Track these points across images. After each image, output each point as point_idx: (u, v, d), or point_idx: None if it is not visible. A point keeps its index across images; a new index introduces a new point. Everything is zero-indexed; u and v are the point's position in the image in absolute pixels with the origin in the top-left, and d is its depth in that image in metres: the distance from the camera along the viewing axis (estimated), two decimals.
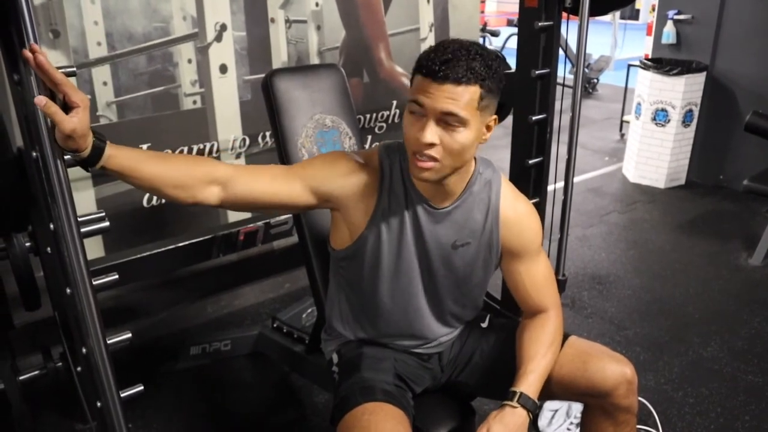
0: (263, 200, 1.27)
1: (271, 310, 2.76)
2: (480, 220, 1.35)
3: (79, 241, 1.10)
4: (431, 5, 2.95)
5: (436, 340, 1.47)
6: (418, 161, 1.18)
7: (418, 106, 1.15)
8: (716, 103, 4.30)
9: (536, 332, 1.40)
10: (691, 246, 3.54)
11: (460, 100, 1.12)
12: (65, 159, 1.06)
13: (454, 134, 1.15)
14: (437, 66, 1.12)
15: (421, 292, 1.40)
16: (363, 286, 1.39)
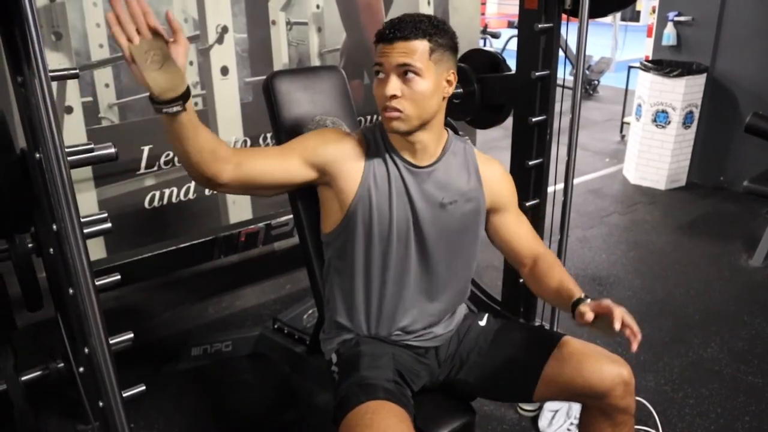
0: (265, 179, 1.34)
1: (272, 311, 2.77)
2: (464, 179, 1.45)
3: (82, 242, 1.11)
4: (432, 7, 2.96)
5: (430, 327, 1.49)
6: (387, 114, 1.32)
7: (380, 67, 1.31)
8: (717, 105, 4.31)
9: (554, 269, 1.50)
10: (692, 247, 3.54)
11: (412, 53, 1.27)
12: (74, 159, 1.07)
13: (412, 84, 1.29)
14: (388, 30, 1.29)
15: (413, 260, 1.43)
16: (356, 262, 1.43)
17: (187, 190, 2.46)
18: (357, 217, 1.39)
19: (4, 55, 1.08)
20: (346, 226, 1.41)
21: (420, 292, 1.46)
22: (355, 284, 1.45)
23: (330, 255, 1.50)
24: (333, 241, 1.46)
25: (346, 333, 1.50)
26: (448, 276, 1.49)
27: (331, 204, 1.43)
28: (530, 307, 2.21)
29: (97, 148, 1.42)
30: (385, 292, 1.44)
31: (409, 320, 1.47)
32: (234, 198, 2.59)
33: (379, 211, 1.39)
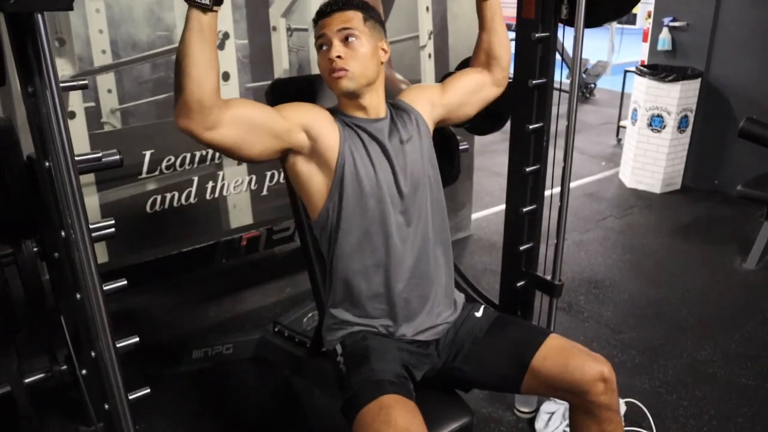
0: (256, 124, 1.35)
1: (272, 314, 2.79)
2: (407, 118, 1.58)
3: (91, 248, 1.13)
4: (430, 13, 2.99)
5: (437, 308, 1.55)
6: (335, 75, 1.43)
7: (322, 38, 1.46)
8: (711, 109, 4.36)
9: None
10: (687, 250, 3.58)
11: (350, 20, 1.44)
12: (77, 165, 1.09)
13: (353, 45, 1.44)
14: (324, 7, 1.48)
15: (398, 212, 1.50)
16: (353, 231, 1.47)
17: (188, 194, 2.50)
18: (345, 177, 1.45)
19: (15, 65, 1.11)
20: (337, 192, 1.46)
21: (410, 244, 1.51)
22: (358, 254, 1.48)
23: (328, 236, 1.51)
24: (327, 216, 1.49)
25: (351, 325, 1.52)
26: (430, 220, 1.56)
27: (314, 178, 1.47)
28: (527, 311, 2.24)
29: (103, 155, 1.44)
30: (392, 250, 1.48)
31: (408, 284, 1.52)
32: (235, 202, 2.62)
33: (364, 166, 1.47)
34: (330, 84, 1.47)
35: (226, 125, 1.28)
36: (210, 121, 1.25)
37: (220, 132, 1.27)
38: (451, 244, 1.66)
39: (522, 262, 2.18)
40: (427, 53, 3.03)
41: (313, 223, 1.55)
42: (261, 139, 1.36)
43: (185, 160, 2.44)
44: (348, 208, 1.46)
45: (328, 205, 1.48)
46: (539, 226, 2.15)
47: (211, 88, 1.22)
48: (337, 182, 1.46)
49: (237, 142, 1.32)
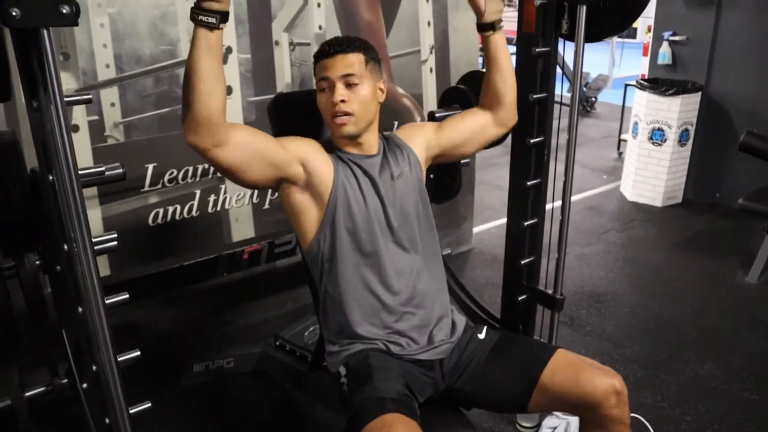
0: (255, 151, 1.37)
1: (274, 327, 2.78)
2: (400, 156, 1.61)
3: (93, 262, 1.14)
4: (432, 28, 3.01)
5: (432, 324, 1.56)
6: (338, 120, 1.47)
7: (325, 81, 1.48)
8: (711, 123, 4.37)
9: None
10: (689, 264, 3.58)
11: (352, 64, 1.47)
12: (84, 178, 1.10)
13: (356, 89, 1.47)
14: (327, 47, 1.49)
15: (389, 241, 1.54)
16: (348, 260, 1.51)
17: (190, 207, 2.50)
18: (338, 210, 1.49)
19: (20, 80, 1.12)
20: (328, 225, 1.50)
21: (406, 270, 1.55)
22: (352, 282, 1.52)
23: (319, 266, 1.55)
24: (319, 246, 1.52)
25: (353, 345, 1.52)
26: (421, 250, 1.59)
27: (307, 210, 1.51)
28: (529, 325, 2.24)
29: (106, 169, 1.45)
30: (386, 278, 1.52)
31: (411, 302, 1.55)
32: (237, 215, 2.63)
33: (356, 200, 1.50)
34: (332, 127, 1.51)
35: (232, 145, 1.31)
36: (218, 138, 1.28)
37: (226, 151, 1.30)
38: (451, 260, 1.68)
39: (523, 276, 2.18)
40: (428, 67, 3.05)
41: (304, 252, 1.58)
42: (261, 165, 1.39)
43: (188, 173, 2.45)
44: (340, 240, 1.50)
45: (319, 237, 1.52)
46: (540, 239, 2.15)
47: (219, 104, 1.25)
48: (329, 215, 1.49)
49: (239, 165, 1.35)
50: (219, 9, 1.18)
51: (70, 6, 0.98)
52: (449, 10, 3.06)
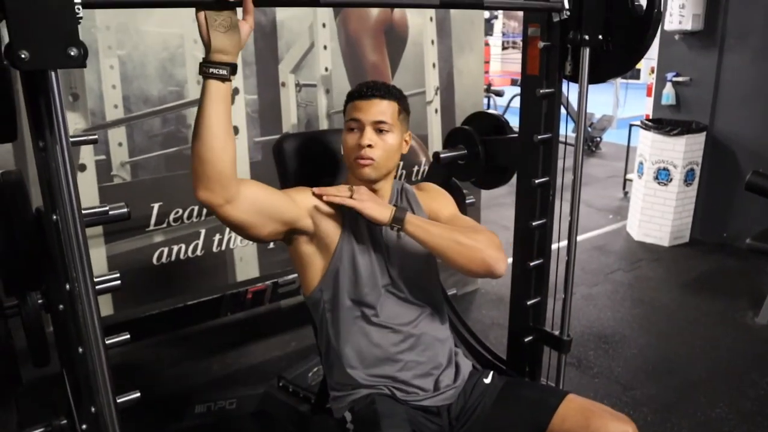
0: (266, 206, 1.36)
1: (277, 368, 2.75)
2: (409, 210, 1.52)
3: (95, 302, 1.13)
4: (437, 70, 3.05)
5: (433, 370, 1.54)
6: (360, 161, 1.47)
7: (355, 122, 1.48)
8: (717, 163, 4.37)
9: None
10: (697, 304, 3.53)
11: (386, 111, 1.48)
12: (80, 216, 1.10)
13: (384, 137, 1.48)
14: (365, 90, 1.49)
15: (391, 289, 1.53)
16: (347, 309, 1.50)
17: (195, 246, 2.50)
18: (342, 263, 1.48)
19: (27, 120, 1.13)
20: (332, 277, 1.49)
21: (409, 321, 1.54)
22: (353, 333, 1.51)
23: (320, 312, 1.55)
24: (320, 295, 1.52)
25: (358, 390, 1.50)
26: (424, 300, 1.58)
27: (313, 259, 1.51)
28: (536, 367, 2.20)
29: (110, 208, 1.46)
30: (388, 330, 1.51)
31: (411, 351, 1.53)
32: (241, 255, 2.62)
33: (361, 253, 1.49)
34: (352, 167, 1.51)
35: (243, 201, 1.29)
36: (230, 193, 1.26)
37: (238, 207, 1.28)
38: (457, 300, 1.66)
39: (530, 317, 2.15)
40: (433, 108, 3.08)
41: (306, 298, 1.58)
42: (272, 222, 1.38)
43: (193, 212, 2.46)
44: (341, 292, 1.49)
45: (321, 286, 1.51)
46: (547, 280, 2.13)
47: (231, 158, 1.24)
48: (333, 267, 1.49)
49: (250, 221, 1.33)
50: (229, 61, 1.19)
51: (78, 48, 0.99)
52: (454, 53, 3.10)
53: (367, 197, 1.43)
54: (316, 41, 2.65)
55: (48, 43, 0.97)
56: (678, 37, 4.41)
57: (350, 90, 1.55)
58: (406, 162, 2.94)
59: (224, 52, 1.18)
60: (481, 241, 1.45)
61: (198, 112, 1.22)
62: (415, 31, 2.94)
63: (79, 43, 0.99)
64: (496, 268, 1.44)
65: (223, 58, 1.19)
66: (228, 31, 1.18)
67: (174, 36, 2.32)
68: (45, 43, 0.97)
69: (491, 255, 1.44)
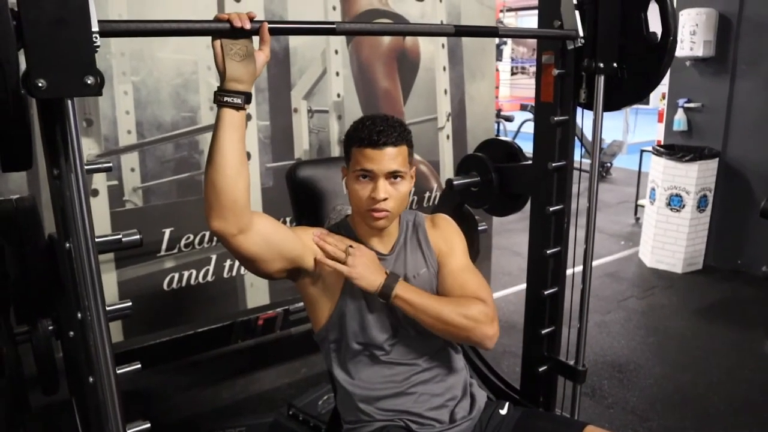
0: (275, 243, 1.33)
1: (287, 395, 2.72)
2: (419, 253, 1.53)
3: (107, 332, 1.12)
4: (449, 96, 3.05)
5: (448, 402, 1.50)
6: (375, 214, 1.39)
7: (367, 171, 1.38)
8: (730, 189, 4.34)
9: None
10: (713, 333, 3.48)
11: (398, 158, 1.39)
12: (93, 244, 1.09)
13: (398, 186, 1.40)
14: (376, 137, 1.37)
15: (399, 330, 1.48)
16: (356, 353, 1.47)
17: (206, 272, 2.49)
18: (348, 305, 1.45)
19: (42, 148, 1.13)
20: (338, 318, 1.46)
21: (421, 357, 1.50)
22: (363, 373, 1.48)
23: (327, 350, 1.52)
24: (327, 335, 1.50)
25: (372, 423, 1.48)
26: (429, 338, 1.51)
27: (319, 300, 1.47)
28: (550, 397, 2.16)
29: (123, 235, 1.45)
30: (399, 368, 1.48)
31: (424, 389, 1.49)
32: (252, 280, 2.61)
33: (367, 296, 1.44)
34: (364, 217, 1.43)
35: (255, 233, 1.27)
36: (243, 223, 1.24)
37: (250, 238, 1.26)
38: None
39: (544, 346, 2.12)
40: (445, 134, 3.08)
41: (314, 335, 1.55)
42: (280, 257, 1.35)
43: (204, 238, 2.45)
44: (349, 334, 1.46)
45: (328, 327, 1.48)
46: (561, 309, 2.10)
47: (246, 187, 1.23)
48: (339, 310, 1.46)
49: (261, 254, 1.30)
50: (243, 90, 1.19)
51: (95, 77, 0.99)
52: (465, 79, 3.11)
53: (360, 263, 1.37)
54: (329, 67, 2.66)
55: (65, 71, 0.97)
56: (689, 63, 4.41)
57: (355, 131, 1.42)
58: (418, 188, 2.93)
59: (239, 80, 1.18)
60: (471, 317, 1.40)
61: (212, 140, 1.21)
62: (426, 57, 2.95)
63: (96, 71, 1.00)
64: (486, 345, 1.42)
65: (237, 86, 1.18)
66: (243, 59, 1.18)
67: (188, 62, 2.33)
68: (62, 72, 0.97)
69: (482, 333, 1.40)
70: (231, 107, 1.18)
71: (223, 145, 1.19)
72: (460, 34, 1.53)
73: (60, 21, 0.95)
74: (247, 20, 1.17)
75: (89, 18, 0.97)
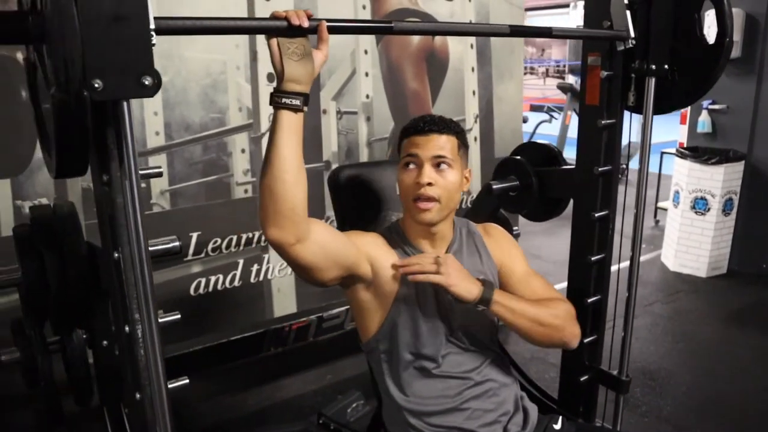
0: (333, 250, 1.28)
1: (314, 402, 2.67)
2: (477, 260, 1.50)
3: (160, 346, 1.06)
4: (477, 97, 2.99)
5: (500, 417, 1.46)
6: (420, 204, 1.36)
7: (412, 157, 1.38)
8: (756, 192, 4.26)
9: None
10: (741, 339, 3.41)
11: (445, 146, 1.38)
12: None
13: (444, 174, 1.37)
14: (422, 124, 1.39)
15: (453, 339, 1.45)
16: (407, 363, 1.42)
17: (233, 277, 2.44)
18: (401, 314, 1.40)
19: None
20: (389, 327, 1.41)
21: (473, 369, 1.46)
22: (414, 385, 1.43)
23: (377, 361, 1.47)
24: (377, 345, 1.45)
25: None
26: (486, 346, 1.51)
27: (369, 308, 1.42)
28: (591, 407, 2.10)
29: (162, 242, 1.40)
30: (451, 380, 1.43)
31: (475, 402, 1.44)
32: (279, 286, 2.55)
33: (420, 303, 1.40)
34: (411, 210, 1.40)
35: (312, 241, 1.22)
36: (301, 231, 1.19)
37: (308, 247, 1.21)
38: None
39: (585, 355, 2.06)
40: (473, 136, 3.02)
41: (362, 345, 1.50)
42: (335, 266, 1.30)
43: (231, 242, 2.40)
44: (401, 344, 1.41)
45: (378, 337, 1.44)
46: (604, 317, 2.04)
47: (304, 194, 1.17)
48: (391, 318, 1.41)
49: (318, 263, 1.25)
50: (302, 91, 1.14)
51: (153, 77, 0.94)
52: (494, 80, 3.05)
53: (454, 271, 1.32)
54: (358, 68, 2.60)
55: (123, 72, 0.91)
56: None
57: (405, 125, 1.45)
58: None
59: (297, 81, 1.13)
60: (561, 317, 1.45)
61: (269, 145, 1.16)
62: (455, 58, 2.89)
63: (154, 71, 0.94)
64: (572, 345, 1.50)
65: (296, 87, 1.13)
66: (301, 59, 1.13)
67: (217, 62, 2.28)
68: (119, 72, 0.91)
69: (571, 333, 1.48)
70: (289, 109, 1.13)
71: (281, 149, 1.14)
72: (516, 34, 1.48)
73: (118, 18, 0.89)
74: (305, 18, 1.11)
75: (148, 14, 0.92)
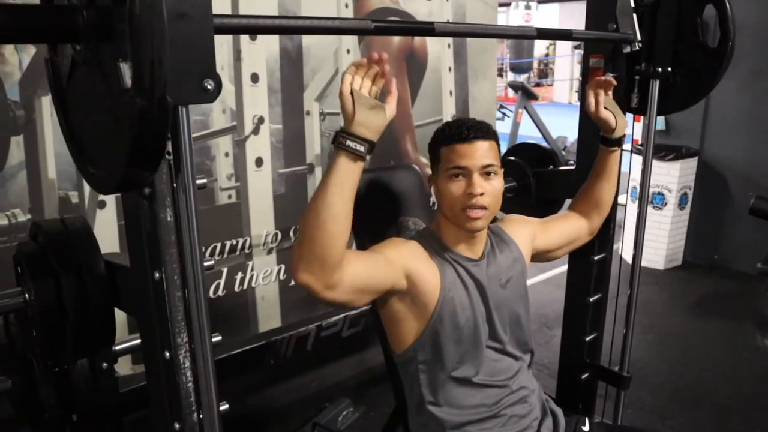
0: (370, 284, 1.26)
1: (299, 411, 2.59)
2: (507, 253, 1.50)
3: (214, 373, 0.98)
4: (453, 97, 2.98)
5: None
6: (471, 213, 1.33)
7: (460, 169, 1.33)
8: (708, 186, 4.44)
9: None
10: (705, 328, 3.54)
11: (491, 152, 1.35)
12: None
13: (492, 182, 1.35)
14: (465, 132, 1.34)
15: (493, 345, 1.44)
16: (448, 370, 1.38)
17: (216, 287, 2.33)
18: (444, 322, 1.36)
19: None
20: (430, 336, 1.37)
21: (510, 374, 1.45)
22: (453, 392, 1.40)
23: (413, 371, 1.42)
24: (415, 355, 1.40)
25: None
26: (518, 350, 1.49)
27: (405, 318, 1.38)
28: (589, 403, 2.13)
29: None
30: (491, 386, 1.42)
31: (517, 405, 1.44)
32: (263, 293, 2.46)
33: (463, 311, 1.37)
34: (459, 218, 1.36)
35: (345, 285, 1.17)
36: (333, 279, 1.14)
37: (339, 291, 1.16)
38: None
39: (585, 352, 2.08)
40: None
41: (395, 356, 1.45)
42: (369, 296, 1.28)
43: (215, 250, 2.29)
44: (443, 351, 1.38)
45: (416, 346, 1.39)
46: (604, 315, 2.08)
47: (344, 245, 1.13)
48: (432, 326, 1.36)
49: (351, 299, 1.22)
50: (370, 138, 1.10)
51: (215, 81, 0.85)
52: (469, 80, 3.04)
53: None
54: (341, 68, 2.53)
55: (184, 75, 0.82)
56: None
57: (441, 132, 1.40)
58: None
59: (367, 126, 1.10)
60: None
61: (320, 188, 1.11)
62: (434, 57, 2.87)
63: (216, 74, 0.86)
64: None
65: (364, 132, 1.10)
66: (372, 108, 1.12)
67: None
68: (181, 76, 0.82)
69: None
70: (351, 153, 1.09)
71: (331, 194, 1.09)
72: (542, 36, 1.46)
73: (181, 15, 0.80)
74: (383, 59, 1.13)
75: (211, 12, 0.83)
